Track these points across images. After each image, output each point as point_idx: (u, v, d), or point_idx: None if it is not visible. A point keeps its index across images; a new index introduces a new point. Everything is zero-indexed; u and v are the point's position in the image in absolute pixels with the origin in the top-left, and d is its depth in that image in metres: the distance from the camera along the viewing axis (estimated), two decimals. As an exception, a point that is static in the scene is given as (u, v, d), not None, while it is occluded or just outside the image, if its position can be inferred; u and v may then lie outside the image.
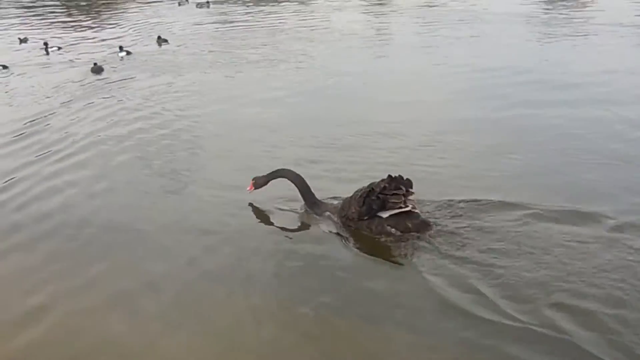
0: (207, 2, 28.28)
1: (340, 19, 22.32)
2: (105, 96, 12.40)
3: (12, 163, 8.52)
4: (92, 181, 7.81)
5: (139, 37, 20.22)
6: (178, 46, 18.12)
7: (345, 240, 5.92)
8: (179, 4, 28.91)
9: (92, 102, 11.90)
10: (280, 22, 22.20)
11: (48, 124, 10.45)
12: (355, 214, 5.96)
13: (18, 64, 16.09)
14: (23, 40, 19.07)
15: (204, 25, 22.42)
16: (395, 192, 5.82)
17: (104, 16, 26.72)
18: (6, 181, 7.87)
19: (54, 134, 9.79)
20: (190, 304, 5.06)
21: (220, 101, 11.63)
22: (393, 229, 5.84)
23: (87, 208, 6.97)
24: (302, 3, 27.92)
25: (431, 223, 5.88)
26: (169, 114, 10.81)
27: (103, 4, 32.52)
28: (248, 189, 6.70)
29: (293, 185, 6.59)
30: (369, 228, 5.92)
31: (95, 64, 15.21)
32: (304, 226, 6.41)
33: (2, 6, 32.16)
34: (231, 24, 22.29)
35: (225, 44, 18.30)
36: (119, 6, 30.89)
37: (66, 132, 9.86)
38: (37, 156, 8.81)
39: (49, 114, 11.06)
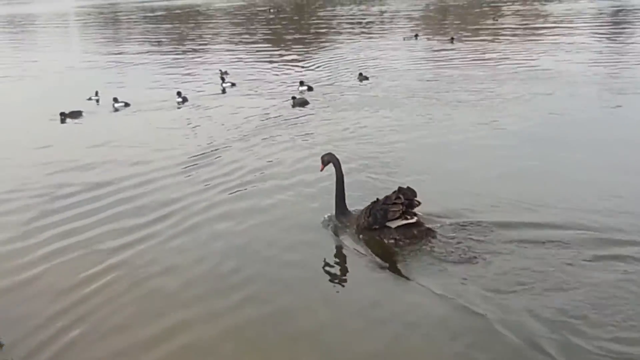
0: (452, 39, 26.85)
1: (568, 59, 20.06)
2: (290, 132, 12.86)
3: (181, 202, 9.11)
4: (250, 230, 8.06)
5: (340, 72, 20.49)
6: (379, 82, 18.03)
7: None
8: (404, 39, 28.60)
9: (275, 138, 12.43)
10: (502, 60, 20.54)
11: (220, 160, 11.07)
12: (365, 223, 7.18)
13: (201, 96, 17.36)
14: (224, 73, 20.39)
15: (419, 61, 21.91)
16: (395, 201, 6.88)
17: (313, 50, 27.62)
18: (168, 214, 8.63)
19: (222, 176, 10.17)
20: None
21: (418, 147, 11.29)
22: (400, 237, 6.93)
23: (240, 258, 7.28)
24: (532, 40, 25.43)
25: (435, 230, 6.99)
26: (352, 156, 10.60)
27: (320, 35, 33.65)
28: (320, 170, 7.99)
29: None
30: (380, 236, 7.10)
31: (293, 97, 15.54)
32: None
33: (220, 38, 35.21)
34: (454, 61, 21.31)
35: (438, 82, 17.51)
36: (340, 38, 31.11)
37: (234, 176, 10.13)
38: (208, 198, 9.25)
39: (222, 148, 11.80)
